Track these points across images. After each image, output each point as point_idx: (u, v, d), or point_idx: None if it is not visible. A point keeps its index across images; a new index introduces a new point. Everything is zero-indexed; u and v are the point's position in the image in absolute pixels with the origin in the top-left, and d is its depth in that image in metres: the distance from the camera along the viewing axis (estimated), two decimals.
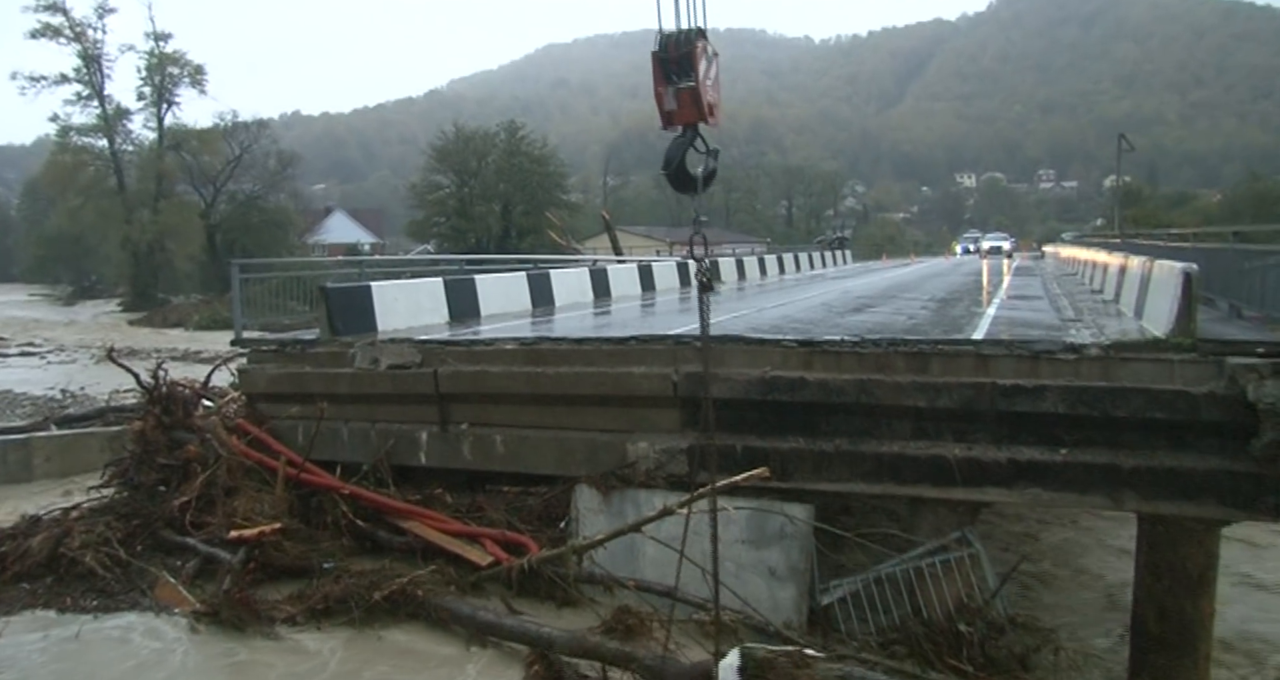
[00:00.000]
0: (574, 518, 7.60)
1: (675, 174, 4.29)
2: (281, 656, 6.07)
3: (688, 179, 4.30)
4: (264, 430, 8.80)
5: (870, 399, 6.81)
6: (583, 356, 7.98)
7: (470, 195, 54.13)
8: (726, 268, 22.40)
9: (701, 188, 4.31)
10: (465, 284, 12.28)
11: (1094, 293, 13.36)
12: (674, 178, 4.32)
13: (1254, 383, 5.64)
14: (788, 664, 4.07)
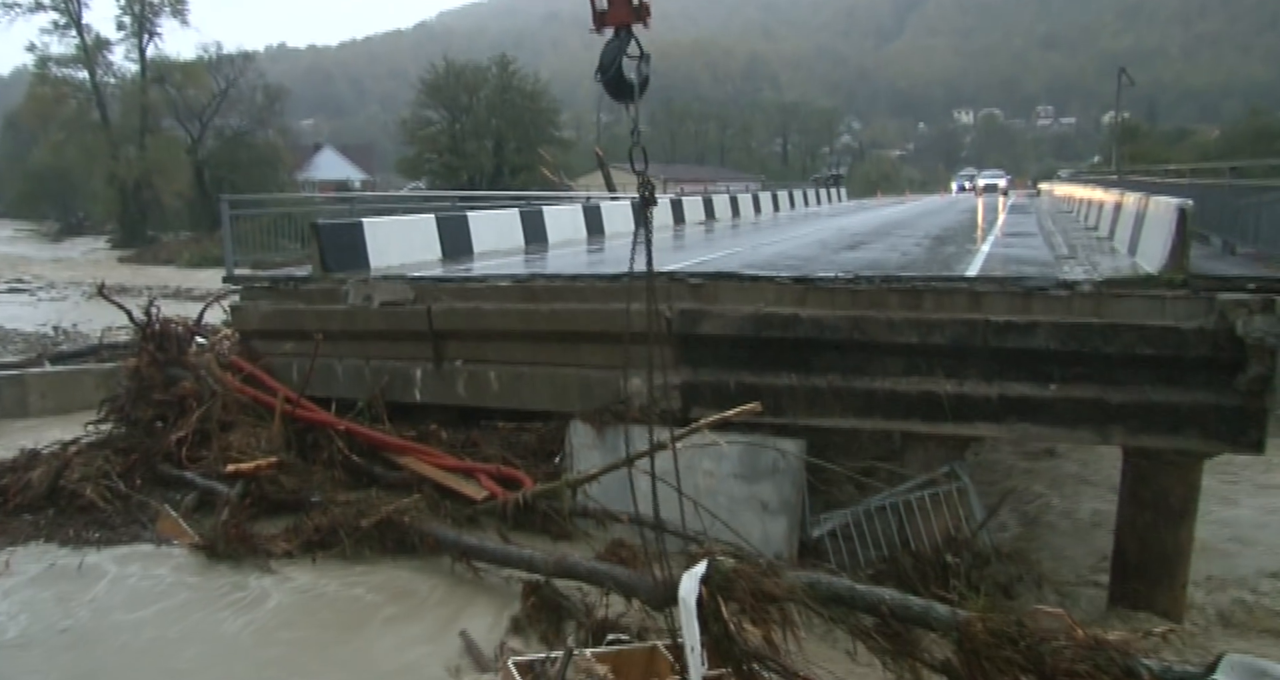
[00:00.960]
0: (568, 453, 7.69)
1: (612, 80, 4.15)
2: (278, 589, 6.19)
3: (625, 86, 4.16)
4: (258, 367, 8.82)
5: (863, 335, 6.84)
6: (576, 293, 7.97)
7: (462, 132, 53.21)
8: (721, 206, 22.21)
9: (638, 95, 4.16)
10: (458, 221, 12.18)
11: (1089, 230, 13.33)
12: (610, 84, 4.18)
13: (1243, 318, 5.68)
14: (754, 573, 4.14)
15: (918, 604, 4.07)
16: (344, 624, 5.74)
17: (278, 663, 5.28)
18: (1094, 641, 3.53)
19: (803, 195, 30.88)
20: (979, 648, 3.60)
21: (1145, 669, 3.36)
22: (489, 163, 52.31)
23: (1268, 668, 2.03)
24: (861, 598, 4.15)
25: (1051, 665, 3.44)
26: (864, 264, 9.24)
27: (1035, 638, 3.54)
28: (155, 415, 8.30)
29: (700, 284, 7.54)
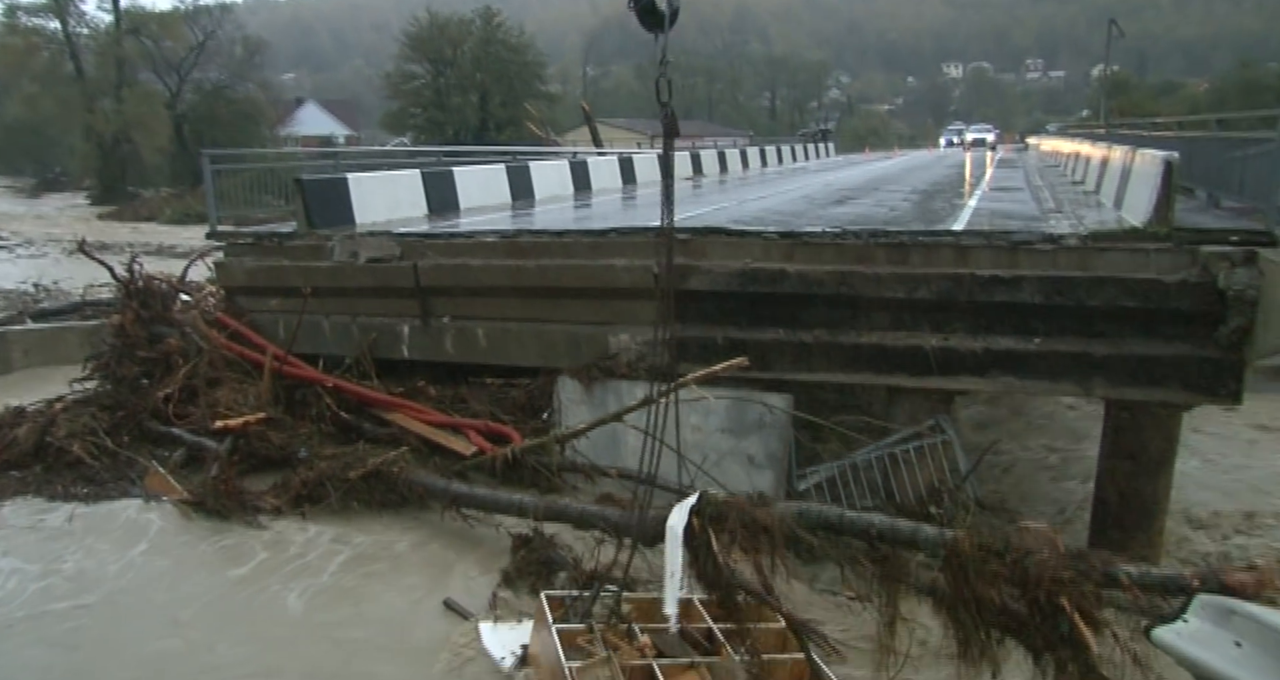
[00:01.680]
0: (556, 409, 7.74)
1: (643, 9, 4.16)
2: (266, 543, 6.24)
3: (656, 14, 4.16)
4: (243, 324, 8.78)
5: (850, 290, 6.87)
6: (564, 249, 7.94)
7: (446, 86, 52.37)
8: (708, 161, 22.03)
9: (668, 25, 4.16)
10: (444, 176, 12.05)
11: (1076, 184, 13.32)
12: (642, 13, 4.18)
13: (1225, 271, 5.73)
14: (745, 504, 4.22)
15: (906, 525, 4.14)
16: (336, 578, 5.78)
17: (269, 617, 5.32)
18: (1077, 553, 3.63)
19: (790, 150, 30.64)
20: (966, 563, 3.67)
21: (1124, 574, 3.47)
22: (474, 117, 51.60)
23: (1236, 606, 2.11)
24: (851, 523, 4.22)
25: (1035, 576, 3.52)
26: (851, 219, 9.23)
27: (1021, 552, 3.62)
28: (141, 372, 8.27)
29: (688, 239, 7.52)
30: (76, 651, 4.91)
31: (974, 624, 3.64)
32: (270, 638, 5.08)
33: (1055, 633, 3.45)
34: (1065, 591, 3.43)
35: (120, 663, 4.80)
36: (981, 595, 3.62)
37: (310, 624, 5.25)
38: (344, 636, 5.08)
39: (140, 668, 4.77)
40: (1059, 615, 3.42)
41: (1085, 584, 3.45)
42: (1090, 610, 3.42)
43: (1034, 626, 3.51)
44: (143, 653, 4.90)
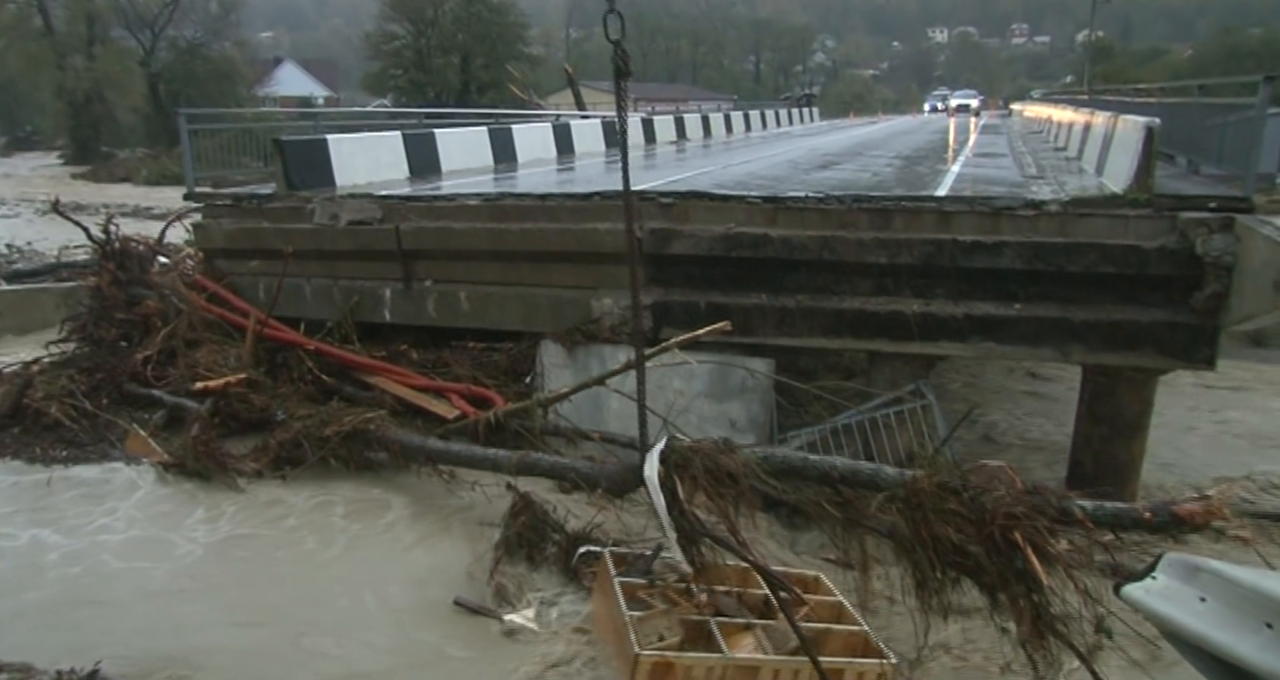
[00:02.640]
0: (539, 373, 7.75)
1: None
2: (247, 504, 6.25)
3: None
4: (223, 286, 8.71)
5: (833, 255, 6.89)
6: (547, 212, 7.89)
7: (428, 47, 51.42)
8: (692, 125, 21.87)
9: None
10: (425, 139, 11.90)
11: (1058, 150, 13.34)
12: None
13: (1203, 237, 5.79)
14: (711, 450, 4.25)
15: (867, 467, 4.20)
16: (317, 544, 5.77)
17: (247, 581, 5.32)
18: (1032, 488, 3.70)
19: (775, 115, 30.45)
20: (925, 501, 3.72)
21: (1079, 508, 3.56)
22: (456, 79, 50.81)
23: (1201, 563, 2.16)
24: (814, 466, 4.27)
25: (991, 512, 3.57)
26: (835, 184, 9.22)
27: (978, 489, 3.68)
28: (119, 335, 8.20)
29: (671, 203, 7.50)
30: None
31: (931, 564, 3.69)
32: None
33: (1010, 569, 3.52)
34: (1019, 527, 3.49)
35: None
36: (939, 533, 3.66)
37: (285, 589, 5.25)
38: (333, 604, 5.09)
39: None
40: (1014, 551, 3.49)
41: (1039, 519, 3.51)
42: (1043, 544, 3.49)
43: (989, 563, 3.58)
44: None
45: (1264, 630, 1.87)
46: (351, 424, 6.60)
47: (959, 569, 3.72)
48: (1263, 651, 1.85)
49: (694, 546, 4.24)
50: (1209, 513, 3.42)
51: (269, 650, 4.56)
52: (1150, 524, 3.51)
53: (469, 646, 4.73)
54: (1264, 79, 6.33)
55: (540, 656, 4.58)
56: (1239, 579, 2.00)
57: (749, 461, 4.23)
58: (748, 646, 4.35)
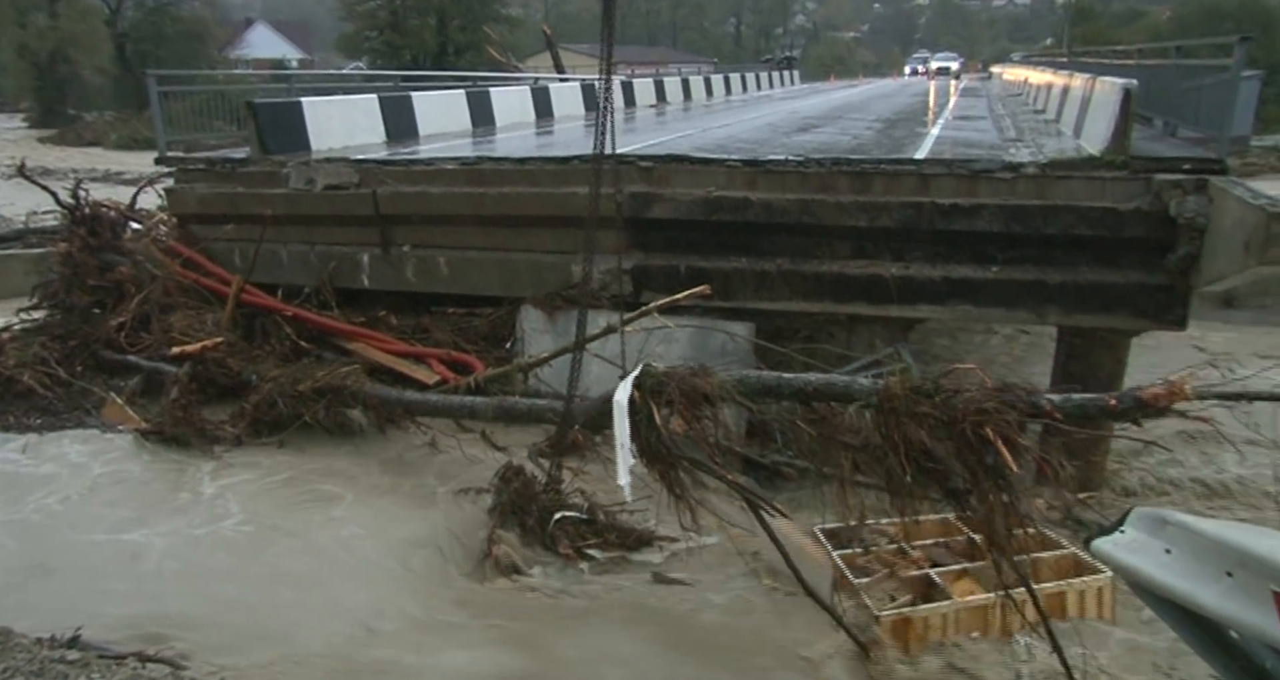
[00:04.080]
0: (519, 338, 7.74)
1: None
2: (226, 471, 6.21)
3: None
4: (197, 251, 8.60)
5: (812, 219, 6.89)
6: (526, 177, 7.83)
7: (403, 8, 50.33)
8: (672, 88, 21.65)
9: None
10: (402, 102, 11.72)
11: (1037, 113, 13.34)
12: None
13: (1177, 199, 5.84)
14: (685, 373, 4.25)
15: (841, 380, 4.22)
16: (296, 510, 5.73)
17: (229, 549, 5.30)
18: (1002, 386, 3.73)
19: (755, 78, 30.18)
20: (897, 406, 3.75)
21: (1046, 401, 3.63)
22: (433, 41, 49.82)
23: (1167, 515, 2.22)
24: (788, 384, 4.27)
25: (962, 410, 3.61)
26: (814, 147, 9.19)
27: (951, 391, 3.72)
28: (92, 301, 8.08)
29: (651, 167, 7.45)
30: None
31: (902, 468, 3.71)
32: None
33: (981, 466, 3.58)
34: (990, 421, 3.53)
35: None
36: (911, 437, 3.69)
37: (269, 557, 5.23)
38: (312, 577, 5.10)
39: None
40: (985, 447, 3.54)
41: (1009, 413, 3.56)
42: (1013, 437, 3.54)
43: (961, 462, 3.62)
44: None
45: (1224, 579, 1.93)
46: (325, 378, 6.52)
47: (929, 475, 3.76)
48: (1222, 599, 1.91)
49: (672, 471, 4.25)
50: (1171, 394, 3.48)
51: (251, 619, 4.56)
52: (1115, 411, 3.57)
53: (460, 611, 4.76)
54: (1239, 40, 6.36)
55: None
56: (1202, 530, 2.05)
57: (724, 383, 4.23)
58: (967, 590, 4.71)
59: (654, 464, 4.27)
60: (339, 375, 6.58)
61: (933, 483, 3.78)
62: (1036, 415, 3.63)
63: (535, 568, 5.22)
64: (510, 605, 4.87)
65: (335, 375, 6.58)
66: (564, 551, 5.22)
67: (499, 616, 4.74)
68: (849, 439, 3.96)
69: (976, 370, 3.85)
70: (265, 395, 6.57)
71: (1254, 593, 1.82)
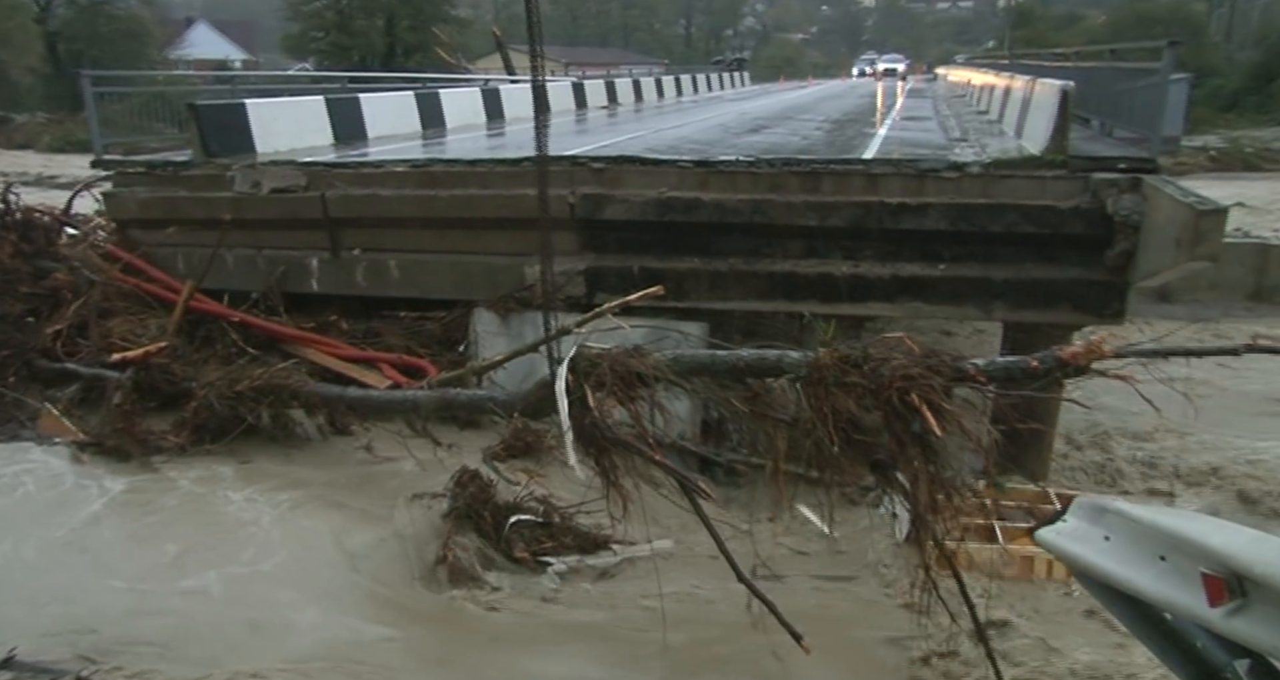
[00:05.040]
0: (473, 341, 7.69)
1: None
2: (169, 486, 5.97)
3: None
4: (138, 257, 8.38)
5: (764, 219, 6.96)
6: (477, 179, 7.79)
7: (350, 8, 49.66)
8: (624, 89, 21.68)
9: None
10: (350, 104, 11.56)
11: (981, 113, 13.64)
12: None
13: (1113, 197, 6.02)
14: (620, 354, 4.23)
15: (772, 354, 4.21)
16: (243, 523, 5.53)
17: (177, 566, 5.08)
18: (929, 352, 3.78)
19: (706, 79, 30.37)
20: (826, 377, 3.76)
21: (971, 366, 3.71)
22: (381, 42, 49.25)
23: (1107, 504, 2.29)
24: (722, 361, 4.28)
25: (889, 378, 3.64)
26: (765, 148, 9.29)
27: (879, 360, 3.74)
28: (25, 309, 7.80)
29: (603, 168, 7.47)
30: None
31: (830, 440, 3.73)
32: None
33: (907, 434, 3.61)
34: (916, 387, 3.57)
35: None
36: (840, 407, 3.71)
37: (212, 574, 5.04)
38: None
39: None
40: (911, 414, 3.57)
41: (934, 378, 3.61)
42: (939, 403, 3.57)
43: (890, 429, 3.65)
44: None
45: (1158, 562, 2.00)
46: (264, 377, 6.30)
47: (857, 448, 3.79)
48: (1157, 582, 1.98)
49: (604, 454, 4.22)
50: (1089, 351, 3.58)
51: (202, 634, 4.45)
52: (1038, 371, 3.65)
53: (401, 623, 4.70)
54: (1168, 45, 6.57)
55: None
56: (1138, 516, 2.13)
57: (659, 363, 4.21)
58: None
59: (588, 448, 4.23)
60: (279, 374, 6.37)
61: (859, 455, 3.80)
62: (962, 379, 3.67)
63: (491, 574, 5.17)
64: (450, 619, 4.80)
65: (275, 374, 6.37)
66: (520, 556, 5.18)
67: (439, 629, 4.67)
68: (780, 415, 3.97)
69: (905, 339, 3.86)
70: (203, 399, 6.33)
71: (1185, 575, 1.89)
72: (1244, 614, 1.77)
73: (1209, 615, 1.82)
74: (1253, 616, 1.75)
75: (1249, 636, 1.77)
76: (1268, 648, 1.75)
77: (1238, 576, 1.76)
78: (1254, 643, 1.78)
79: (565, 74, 35.72)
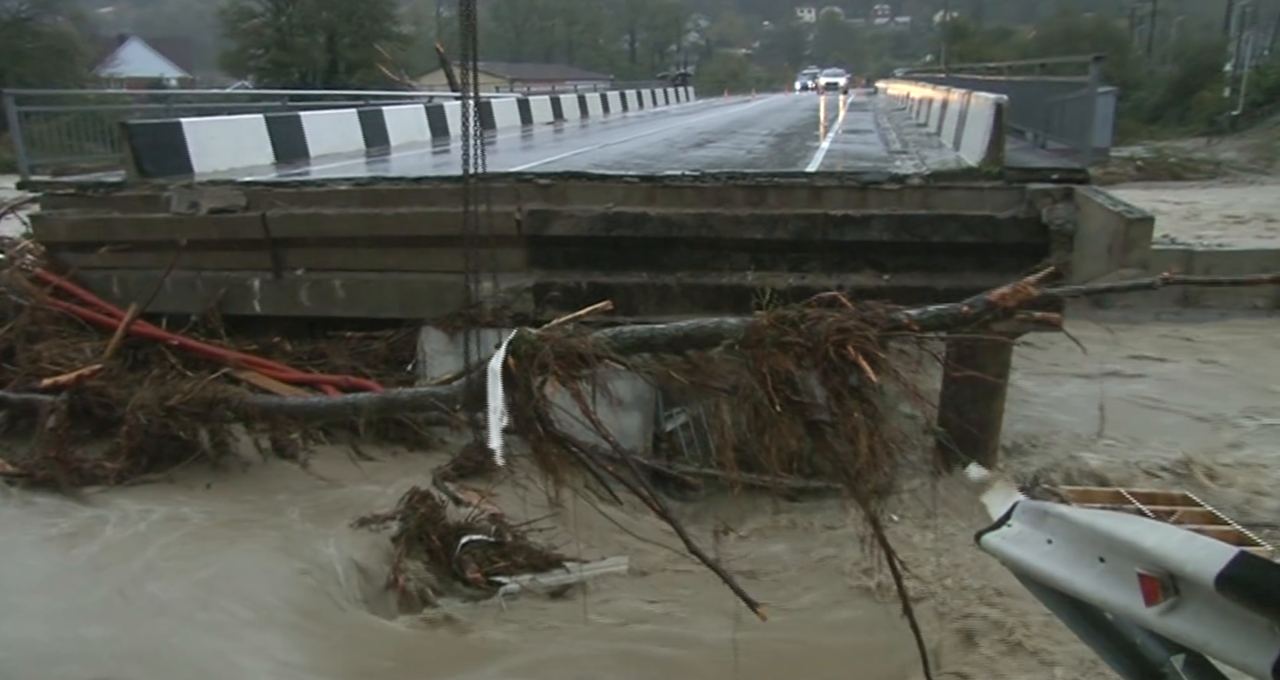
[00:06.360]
0: (421, 359, 7.60)
1: None
2: (104, 512, 5.72)
3: None
4: (69, 280, 8.12)
5: (711, 232, 7.02)
6: (422, 196, 7.73)
7: (290, 25, 49.03)
8: (569, 105, 21.73)
9: None
10: (291, 122, 11.39)
11: (920, 126, 13.95)
12: None
13: (1048, 206, 6.20)
14: (560, 335, 4.20)
15: (710, 323, 4.21)
16: (182, 551, 5.30)
17: (111, 609, 4.81)
18: (863, 305, 3.82)
19: (651, 94, 30.60)
20: (765, 338, 3.77)
21: (905, 315, 3.76)
22: (322, 59, 48.69)
23: (1049, 508, 2.34)
24: (662, 334, 4.27)
25: (825, 335, 3.67)
26: (710, 162, 9.37)
27: (815, 317, 3.76)
28: None
29: (549, 184, 7.46)
30: None
31: (770, 401, 3.74)
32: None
33: (846, 387, 3.65)
34: (851, 339, 3.61)
35: None
36: (778, 366, 3.71)
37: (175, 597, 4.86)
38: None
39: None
40: (848, 368, 3.61)
41: (869, 329, 3.65)
42: (875, 353, 3.62)
43: (828, 384, 3.69)
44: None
45: (1098, 564, 2.05)
46: (195, 390, 6.02)
47: (795, 407, 3.79)
48: (1096, 583, 2.04)
49: (544, 444, 4.18)
50: (1017, 293, 3.67)
51: (110, 672, 4.22)
52: (969, 316, 3.72)
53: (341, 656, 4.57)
54: (1093, 59, 6.80)
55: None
56: (1077, 519, 2.18)
57: (600, 342, 4.18)
58: None
59: (527, 435, 4.17)
60: (210, 386, 6.09)
61: (797, 415, 3.80)
62: (896, 329, 3.72)
63: (443, 598, 5.08)
64: (403, 648, 4.69)
65: (207, 386, 6.08)
66: (471, 577, 5.11)
67: (389, 659, 4.56)
68: (720, 384, 3.98)
69: (839, 296, 3.90)
70: (135, 419, 6.02)
71: (1122, 575, 1.94)
72: (1178, 612, 1.82)
73: (1146, 614, 1.87)
74: (1186, 614, 1.80)
75: (1183, 633, 1.82)
76: (1199, 643, 1.80)
77: (1171, 576, 1.82)
78: (1187, 639, 1.83)
79: (511, 90, 35.64)
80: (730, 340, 3.95)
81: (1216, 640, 1.75)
